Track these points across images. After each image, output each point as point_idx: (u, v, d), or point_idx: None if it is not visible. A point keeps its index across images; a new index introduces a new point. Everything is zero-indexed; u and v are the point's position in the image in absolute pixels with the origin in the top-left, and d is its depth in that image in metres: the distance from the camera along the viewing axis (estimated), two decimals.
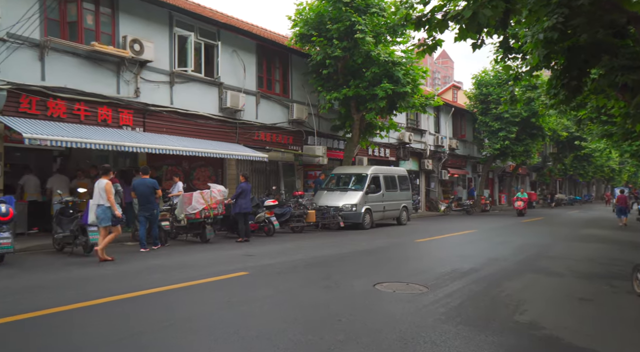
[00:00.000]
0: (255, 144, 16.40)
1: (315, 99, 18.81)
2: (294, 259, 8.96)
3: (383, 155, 23.23)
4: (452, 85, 37.05)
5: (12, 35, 10.57)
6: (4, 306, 5.33)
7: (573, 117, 18.84)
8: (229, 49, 15.87)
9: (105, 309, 5.27)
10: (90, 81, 12.12)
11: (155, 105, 13.58)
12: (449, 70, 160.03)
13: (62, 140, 10.09)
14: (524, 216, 24.08)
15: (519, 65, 10.98)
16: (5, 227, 7.66)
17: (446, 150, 28.28)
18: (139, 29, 13.16)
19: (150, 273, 7.26)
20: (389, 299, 5.96)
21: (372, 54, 16.25)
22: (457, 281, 7.23)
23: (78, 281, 6.69)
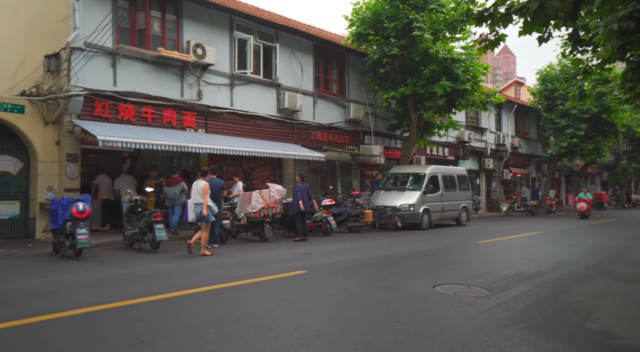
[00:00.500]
0: (313, 144, 16.56)
1: (372, 98, 18.72)
2: (352, 259, 8.96)
3: (441, 155, 22.73)
4: (514, 82, 35.56)
5: (89, 44, 11.29)
6: (81, 298, 5.71)
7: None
8: (287, 51, 16.11)
9: (171, 303, 5.51)
10: (157, 85, 12.72)
11: (216, 107, 14.04)
12: (510, 65, 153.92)
13: (131, 142, 10.67)
14: (587, 219, 22.35)
15: (589, 58, 10.41)
16: (83, 224, 8.21)
17: (508, 149, 27.23)
18: (202, 34, 13.66)
19: (213, 270, 7.52)
20: (449, 302, 5.82)
21: (430, 51, 15.94)
22: (522, 284, 6.95)
23: (146, 277, 7.04)
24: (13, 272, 7.26)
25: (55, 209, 8.56)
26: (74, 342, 4.15)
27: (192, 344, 4.11)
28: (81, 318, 4.87)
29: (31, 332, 4.42)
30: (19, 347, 4.06)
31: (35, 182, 10.83)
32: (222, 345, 4.09)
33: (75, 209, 8.13)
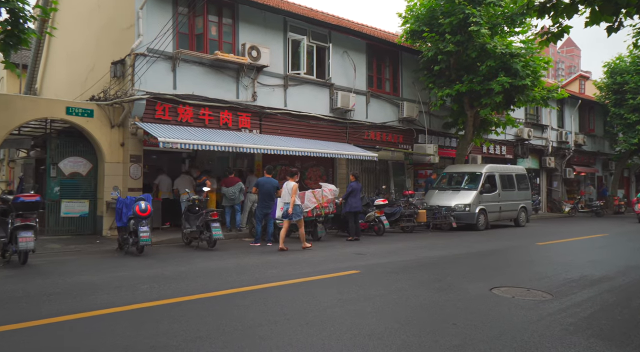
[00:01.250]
0: (365, 144, 16.50)
1: (426, 96, 18.39)
2: (405, 259, 8.85)
3: (499, 153, 21.97)
4: (578, 76, 33.78)
5: (151, 50, 11.81)
6: (142, 293, 5.98)
7: None
8: (340, 50, 16.14)
9: (226, 300, 5.67)
10: (214, 87, 13.11)
11: (270, 108, 14.28)
12: (574, 59, 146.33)
13: (189, 143, 11.06)
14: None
15: None
16: (145, 222, 8.62)
17: (571, 147, 25.89)
18: (256, 36, 13.94)
19: (267, 268, 7.66)
20: (507, 305, 5.63)
21: (487, 46, 15.46)
22: (587, 289, 6.59)
23: (203, 274, 7.26)
24: (82, 267, 7.73)
25: (120, 208, 9.03)
26: (136, 335, 4.36)
27: (247, 340, 4.21)
28: (143, 312, 5.11)
29: (97, 324, 4.69)
30: (85, 338, 4.32)
31: (102, 182, 11.48)
32: (276, 342, 4.16)
33: (138, 207, 8.54)
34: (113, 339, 4.25)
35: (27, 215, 7.38)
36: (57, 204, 11.18)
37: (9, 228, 7.52)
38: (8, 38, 8.64)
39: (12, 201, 7.58)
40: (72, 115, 11.09)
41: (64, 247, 9.51)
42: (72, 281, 6.57)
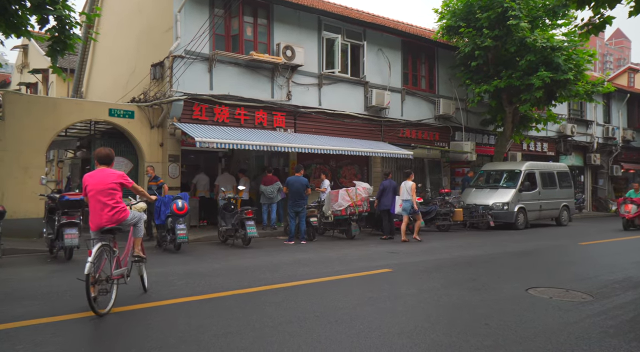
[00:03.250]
0: (400, 142, 16.35)
1: (463, 92, 18.04)
2: (439, 258, 8.74)
3: (540, 150, 21.30)
4: (627, 68, 32.27)
5: (188, 52, 12.11)
6: (177, 288, 6.18)
7: None
8: (374, 48, 16.05)
9: (258, 297, 5.76)
10: (249, 88, 13.32)
11: (304, 107, 14.38)
12: (624, 51, 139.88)
13: (225, 142, 11.30)
14: (637, 228, 15.24)
15: None
16: (182, 220, 8.87)
17: (619, 143, 24.78)
18: (291, 36, 14.06)
19: (299, 266, 7.73)
20: (543, 306, 5.47)
21: (527, 40, 15.02)
22: (631, 291, 6.32)
23: (236, 271, 7.40)
24: None
25: (159, 206, 9.32)
26: (169, 329, 4.51)
27: (277, 336, 4.27)
28: (176, 308, 5.26)
29: (132, 318, 4.88)
30: (118, 333, 4.50)
31: (144, 182, 11.85)
32: (305, 339, 4.21)
33: (175, 206, 8.80)
34: (146, 331, 4.41)
35: (72, 212, 7.74)
36: None
37: (56, 225, 7.90)
38: (55, 44, 9.07)
39: (59, 200, 7.96)
40: (114, 117, 11.53)
41: None
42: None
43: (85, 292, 4.59)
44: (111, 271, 4.99)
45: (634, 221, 15.04)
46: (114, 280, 5.01)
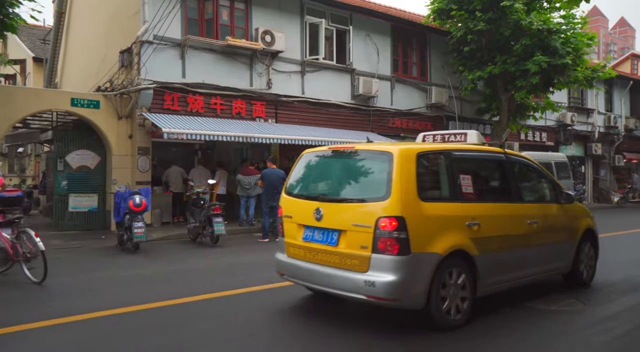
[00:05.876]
0: (390, 132, 15.57)
1: (457, 80, 17.20)
2: None
3: (538, 140, 20.48)
4: (630, 55, 31.31)
5: (157, 37, 11.32)
6: (99, 300, 5.34)
7: None
8: (362, 34, 15.23)
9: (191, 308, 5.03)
10: (225, 75, 12.54)
11: (286, 96, 13.60)
12: (628, 40, 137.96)
13: (196, 133, 10.56)
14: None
15: None
16: (140, 217, 8.14)
17: (621, 132, 23.90)
18: (271, 20, 13.25)
19: (261, 269, 6.86)
20: (527, 315, 4.73)
21: (522, 23, 14.15)
22: (630, 295, 5.60)
23: (186, 274, 6.67)
24: (67, 266, 7.23)
25: (119, 202, 8.61)
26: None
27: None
28: (75, 326, 4.44)
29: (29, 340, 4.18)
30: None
31: (111, 176, 11.15)
32: None
33: (132, 202, 8.08)
34: None
35: (9, 211, 7.02)
36: (64, 198, 10.93)
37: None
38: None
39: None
40: (78, 107, 10.79)
41: (65, 244, 9.19)
42: (46, 283, 5.96)
43: None
44: None
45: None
46: None
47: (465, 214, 4.51)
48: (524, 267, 5.09)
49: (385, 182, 4.20)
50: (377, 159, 4.55)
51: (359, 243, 4.18)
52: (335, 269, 4.31)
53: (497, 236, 4.73)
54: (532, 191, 5.83)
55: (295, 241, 4.78)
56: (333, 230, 4.40)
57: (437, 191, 4.64)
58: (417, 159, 4.37)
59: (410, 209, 4.12)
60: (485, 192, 5.15)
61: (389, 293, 4.01)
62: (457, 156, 5.00)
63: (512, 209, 5.11)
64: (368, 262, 4.09)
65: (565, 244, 5.70)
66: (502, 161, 5.39)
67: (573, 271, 5.83)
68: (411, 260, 4.03)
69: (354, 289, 4.16)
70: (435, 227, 4.26)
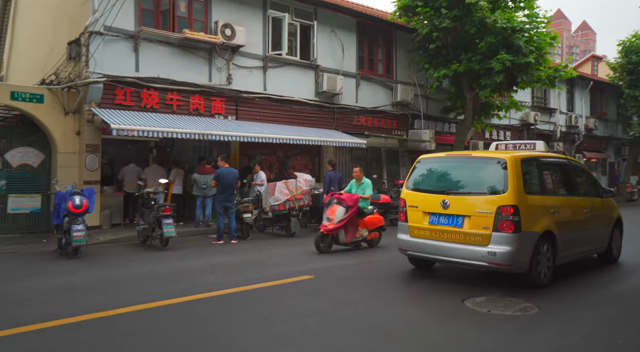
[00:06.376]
0: (355, 130, 15.30)
1: (423, 78, 17.07)
2: (379, 259, 7.75)
3: (502, 139, 20.60)
4: (591, 56, 32.00)
5: (108, 28, 10.69)
6: (17, 315, 4.79)
7: None
8: (327, 29, 14.90)
9: (124, 321, 4.59)
10: (182, 70, 12.00)
11: (247, 92, 13.14)
12: (590, 43, 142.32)
13: (148, 130, 10.00)
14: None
15: None
16: (80, 220, 7.57)
17: (581, 131, 24.36)
18: (231, 13, 12.75)
19: (206, 274, 6.53)
20: (478, 323, 4.49)
21: (487, 21, 14.07)
22: (587, 297, 5.43)
23: (124, 282, 6.16)
24: None
25: (58, 203, 8.01)
26: None
27: None
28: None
29: None
30: None
31: (55, 175, 10.47)
32: None
33: (71, 203, 7.51)
34: None
35: None
36: (3, 199, 10.17)
37: None
38: None
39: None
40: (19, 100, 10.06)
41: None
42: None
43: None
44: None
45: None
46: None
47: (550, 204, 6.19)
48: (581, 245, 6.81)
49: (502, 179, 5.74)
50: (493, 162, 6.07)
51: (481, 225, 5.70)
52: (460, 244, 5.82)
53: (568, 221, 6.39)
54: (585, 187, 7.44)
55: (420, 224, 6.29)
56: (458, 215, 5.90)
57: (534, 187, 6.14)
58: (522, 164, 5.93)
59: (521, 199, 5.66)
60: (558, 187, 6.78)
61: (506, 260, 5.53)
62: (542, 161, 6.68)
63: (575, 200, 6.86)
64: (489, 238, 5.61)
65: (604, 229, 7.45)
66: (566, 164, 7.26)
67: (607, 251, 7.56)
68: (521, 236, 5.57)
69: (478, 258, 5.68)
70: (534, 213, 5.84)
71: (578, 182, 7.26)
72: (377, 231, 9.17)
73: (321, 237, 8.43)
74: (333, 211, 8.46)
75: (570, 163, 7.39)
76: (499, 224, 5.56)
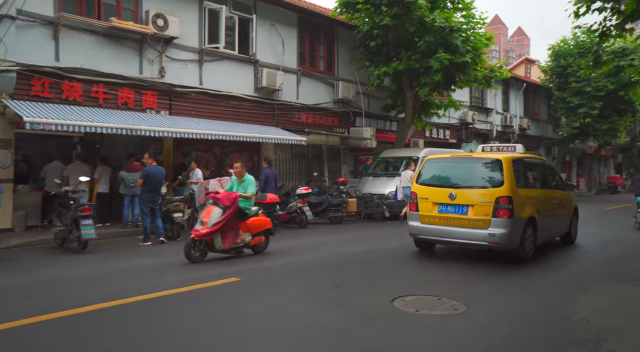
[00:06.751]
0: (296, 127, 15.01)
1: (364, 76, 17.05)
2: (311, 258, 7.49)
3: (442, 137, 21.04)
4: (524, 59, 33.49)
5: (22, 12, 9.81)
6: None
7: None
8: (267, 23, 14.51)
9: (24, 332, 4.08)
10: (110, 61, 11.23)
11: (182, 86, 12.53)
12: (524, 48, 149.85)
13: (67, 124, 9.21)
14: None
15: (608, 16, 8.80)
16: None
17: (516, 131, 25.36)
18: (165, 4, 12.08)
19: (125, 277, 6.03)
20: (405, 325, 4.32)
21: (426, 20, 14.21)
22: (509, 295, 5.41)
23: (26, 290, 5.55)
24: None
25: None
26: None
27: None
28: None
29: None
30: None
31: None
32: None
33: None
34: None
35: None
36: None
37: None
38: None
39: None
40: None
41: None
42: None
43: None
44: None
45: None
46: None
47: (532, 195, 7.58)
48: (552, 229, 8.34)
49: (499, 175, 7.06)
50: (490, 161, 7.37)
51: (482, 212, 6.95)
52: (465, 228, 7.05)
53: (544, 209, 7.79)
54: (554, 182, 8.88)
55: (430, 213, 7.43)
56: (463, 205, 7.13)
57: (521, 181, 7.40)
58: (513, 163, 7.28)
59: (513, 191, 6.99)
60: (536, 182, 8.18)
61: (503, 240, 6.82)
62: (525, 161, 8.08)
63: (548, 193, 8.32)
64: (489, 223, 6.87)
65: (566, 217, 8.96)
66: (541, 163, 8.95)
67: (567, 234, 9.09)
68: (514, 221, 6.87)
69: (480, 239, 6.95)
70: (522, 203, 7.12)
71: (549, 178, 8.75)
72: (262, 235, 7.93)
73: (192, 243, 7.06)
74: (208, 213, 7.18)
75: (544, 162, 9.10)
76: (497, 211, 6.80)
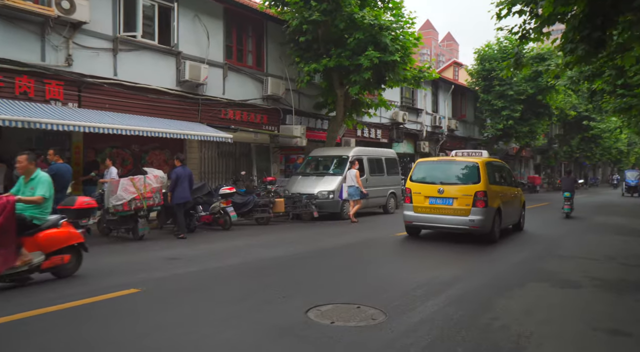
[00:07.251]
0: (222, 124, 14.28)
1: (294, 72, 16.62)
2: (228, 265, 6.91)
3: (374, 137, 21.07)
4: (453, 62, 34.60)
5: None
6: None
7: (586, 90, 16.68)
8: (190, 14, 13.69)
9: None
10: (4, 45, 10.00)
11: (93, 77, 11.47)
12: (453, 52, 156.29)
13: None
14: None
15: (527, 19, 8.98)
16: None
17: (445, 131, 26.04)
18: None
19: (11, 291, 5.19)
20: (315, 339, 3.90)
21: (355, 17, 14.01)
22: (431, 300, 5.17)
23: None
24: None
25: None
26: None
27: None
28: None
29: None
30: None
31: None
32: None
33: None
34: None
35: None
36: None
37: None
38: None
39: None
40: None
41: None
42: None
43: None
44: None
45: None
46: None
47: (498, 190, 9.64)
48: (511, 217, 10.52)
49: (477, 175, 9.12)
50: (470, 164, 9.37)
51: (464, 203, 8.94)
52: (451, 216, 9.07)
53: (506, 201, 9.92)
54: (510, 180, 11.20)
55: (422, 204, 9.40)
56: (449, 198, 9.10)
57: (491, 179, 9.45)
58: (486, 165, 9.42)
59: (488, 187, 9.03)
60: (500, 180, 10.32)
61: (479, 224, 8.85)
62: (492, 163, 10.23)
63: (508, 189, 10.50)
64: (469, 211, 8.88)
65: (519, 208, 11.32)
66: (503, 166, 11.23)
67: (519, 223, 11.45)
68: (488, 210, 8.91)
69: (462, 224, 8.96)
70: (493, 196, 9.17)
71: (508, 177, 11.07)
72: (65, 253, 5.92)
73: None
74: None
75: (504, 165, 11.47)
76: (476, 202, 8.81)
